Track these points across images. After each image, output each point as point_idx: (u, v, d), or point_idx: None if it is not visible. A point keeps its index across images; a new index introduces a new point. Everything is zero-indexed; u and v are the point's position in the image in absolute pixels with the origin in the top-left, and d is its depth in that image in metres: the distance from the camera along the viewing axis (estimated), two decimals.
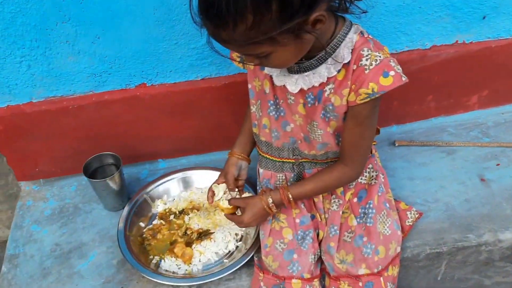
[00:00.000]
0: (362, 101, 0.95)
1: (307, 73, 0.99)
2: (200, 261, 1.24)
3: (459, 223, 1.30)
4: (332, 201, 1.19)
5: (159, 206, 1.39)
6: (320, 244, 1.19)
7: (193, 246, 1.26)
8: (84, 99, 1.33)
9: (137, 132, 1.43)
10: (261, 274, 1.15)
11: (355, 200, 1.19)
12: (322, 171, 1.14)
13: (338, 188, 1.18)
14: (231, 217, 1.17)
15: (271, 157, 1.19)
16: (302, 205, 1.19)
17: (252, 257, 1.21)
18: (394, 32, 1.37)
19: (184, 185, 1.44)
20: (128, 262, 1.21)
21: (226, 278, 1.20)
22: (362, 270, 1.12)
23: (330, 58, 0.96)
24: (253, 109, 1.16)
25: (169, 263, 1.24)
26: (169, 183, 1.43)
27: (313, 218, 1.20)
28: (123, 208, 1.35)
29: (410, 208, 1.29)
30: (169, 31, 1.25)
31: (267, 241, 1.17)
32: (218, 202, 1.18)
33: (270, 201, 1.11)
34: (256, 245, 1.22)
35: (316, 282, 1.14)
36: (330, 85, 0.99)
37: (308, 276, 1.12)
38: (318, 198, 1.19)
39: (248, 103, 1.17)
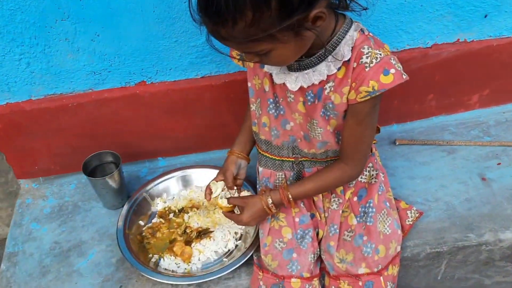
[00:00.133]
0: (363, 99, 0.95)
1: (307, 71, 0.99)
2: (199, 260, 1.24)
3: (460, 222, 1.30)
4: (332, 200, 1.19)
5: (158, 205, 1.38)
6: (320, 243, 1.19)
7: (193, 244, 1.26)
8: (83, 97, 1.33)
9: (137, 130, 1.43)
10: (261, 273, 1.15)
11: (355, 199, 1.18)
12: (322, 170, 1.13)
13: (338, 187, 1.18)
14: (229, 215, 1.16)
15: (270, 156, 1.19)
16: (301, 204, 1.19)
17: (252, 256, 1.20)
18: (395, 30, 1.37)
19: (183, 183, 1.44)
20: (127, 260, 1.20)
21: (225, 277, 1.20)
22: (362, 269, 1.12)
23: (330, 56, 0.96)
24: (252, 107, 1.15)
25: (168, 262, 1.23)
26: (168, 181, 1.43)
27: (312, 217, 1.20)
28: (123, 206, 1.35)
29: (410, 207, 1.28)
30: (169, 29, 1.24)
31: (266, 240, 1.16)
32: (216, 200, 1.17)
33: (270, 201, 1.11)
34: (256, 244, 1.21)
35: (315, 282, 1.13)
36: (330, 83, 0.99)
37: (307, 275, 1.12)
38: (318, 197, 1.19)
39: (248, 101, 1.17)
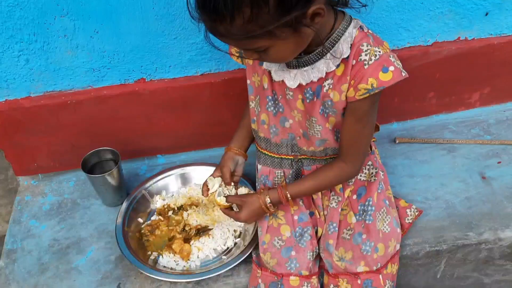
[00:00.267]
0: (361, 96, 0.94)
1: (306, 68, 0.98)
2: (198, 257, 1.24)
3: (459, 221, 1.29)
4: (331, 198, 1.19)
5: (157, 202, 1.38)
6: (319, 242, 1.19)
7: (192, 242, 1.26)
8: (82, 94, 1.32)
9: (136, 127, 1.43)
10: (259, 271, 1.15)
11: (354, 197, 1.18)
12: (320, 169, 1.13)
13: (337, 185, 1.17)
14: (227, 212, 1.16)
15: (269, 153, 1.19)
16: (300, 202, 1.19)
17: (251, 254, 1.20)
18: (396, 28, 1.36)
19: (182, 181, 1.43)
20: (126, 258, 1.20)
21: (224, 274, 1.19)
22: (361, 268, 1.11)
23: (329, 53, 0.95)
24: (252, 105, 1.15)
25: (167, 259, 1.23)
26: (168, 179, 1.42)
27: (311, 215, 1.20)
28: (122, 203, 1.35)
29: (410, 206, 1.28)
30: (168, 26, 1.24)
31: (265, 238, 1.16)
32: (214, 197, 1.17)
33: (268, 200, 1.10)
34: (255, 242, 1.21)
35: (314, 280, 1.13)
36: (329, 81, 0.98)
37: (306, 273, 1.12)
38: (317, 195, 1.19)
39: (247, 99, 1.16)
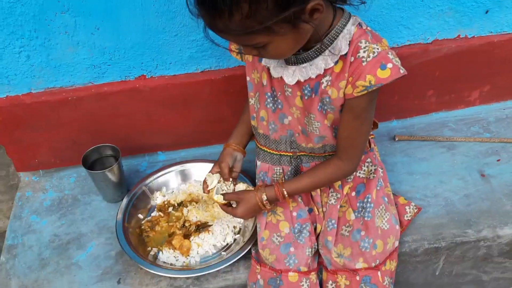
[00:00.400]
0: (359, 93, 0.94)
1: (304, 64, 0.99)
2: (198, 253, 1.25)
3: (458, 218, 1.30)
4: (330, 195, 1.19)
5: (158, 198, 1.39)
6: (318, 238, 1.19)
7: (191, 238, 1.26)
8: (83, 91, 1.33)
9: (137, 124, 1.43)
10: (258, 267, 1.15)
11: (353, 194, 1.19)
12: (317, 166, 1.13)
13: (334, 183, 1.18)
14: (225, 209, 1.17)
15: (268, 150, 1.19)
16: (299, 199, 1.19)
17: (250, 250, 1.21)
18: (396, 26, 1.36)
19: (182, 177, 1.44)
20: (126, 253, 1.21)
21: (223, 270, 1.20)
22: (360, 264, 1.12)
23: (327, 50, 0.96)
24: (251, 101, 1.15)
25: (167, 255, 1.24)
26: (168, 175, 1.43)
27: (310, 212, 1.20)
28: (122, 199, 1.35)
29: (409, 203, 1.28)
30: (169, 23, 1.24)
31: (263, 234, 1.17)
32: (212, 195, 1.17)
33: (265, 197, 1.10)
34: (254, 238, 1.21)
35: (313, 276, 1.14)
36: (327, 77, 0.99)
37: (305, 269, 1.12)
38: (315, 191, 1.19)
39: (247, 96, 1.16)
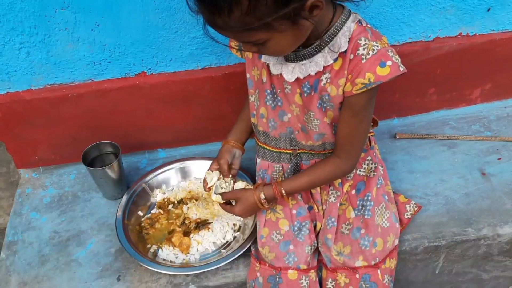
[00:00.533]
0: (359, 91, 0.94)
1: (304, 61, 0.98)
2: (197, 250, 1.25)
3: (459, 217, 1.30)
4: (329, 193, 1.19)
5: (157, 196, 1.39)
6: (317, 236, 1.19)
7: (191, 235, 1.26)
8: (83, 87, 1.33)
9: (137, 121, 1.43)
10: (258, 265, 1.15)
11: (353, 192, 1.18)
12: (315, 165, 1.13)
13: (332, 181, 1.17)
14: (224, 206, 1.17)
15: (268, 148, 1.19)
16: (299, 197, 1.19)
17: (250, 247, 1.21)
18: (397, 23, 1.36)
19: (182, 175, 1.44)
20: (126, 250, 1.21)
21: (223, 268, 1.20)
22: (359, 262, 1.12)
23: (327, 47, 0.95)
24: (251, 98, 1.15)
25: (166, 252, 1.24)
26: (168, 172, 1.43)
27: (310, 210, 1.20)
28: (122, 197, 1.35)
29: (409, 201, 1.28)
30: (169, 20, 1.23)
31: (263, 231, 1.17)
32: (210, 194, 1.17)
33: (263, 197, 1.10)
34: (254, 235, 1.21)
35: (312, 274, 1.14)
36: (327, 75, 0.98)
37: (304, 267, 1.12)
38: (315, 189, 1.19)
39: (248, 93, 1.16)
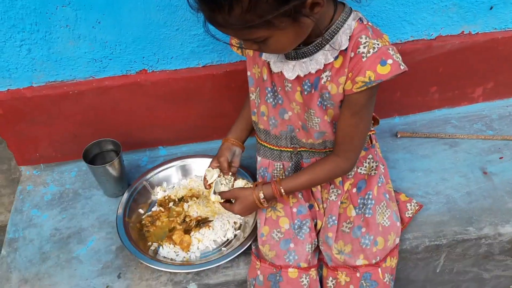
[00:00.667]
0: (359, 89, 0.94)
1: (304, 59, 0.98)
2: (198, 248, 1.25)
3: (460, 216, 1.29)
4: (330, 191, 1.18)
5: (158, 193, 1.39)
6: (318, 234, 1.19)
7: (192, 233, 1.26)
8: (84, 85, 1.32)
9: (138, 118, 1.43)
10: (258, 263, 1.15)
11: (354, 190, 1.18)
12: (315, 163, 1.13)
13: (331, 180, 1.17)
14: (223, 205, 1.17)
15: (269, 146, 1.18)
16: (299, 195, 1.19)
17: (250, 245, 1.21)
18: (399, 21, 1.35)
19: (183, 172, 1.44)
20: (127, 248, 1.21)
21: (223, 266, 1.20)
22: (360, 261, 1.12)
23: (327, 45, 0.95)
24: (252, 96, 1.15)
25: (167, 250, 1.24)
26: (169, 170, 1.43)
27: (311, 208, 1.20)
28: (123, 194, 1.35)
29: (410, 200, 1.28)
30: (171, 17, 1.23)
31: (263, 230, 1.16)
32: (209, 192, 1.16)
33: (262, 196, 1.10)
34: (254, 233, 1.21)
35: (313, 272, 1.13)
36: (327, 73, 0.98)
37: (305, 266, 1.12)
38: (316, 187, 1.19)
39: (248, 90, 1.16)
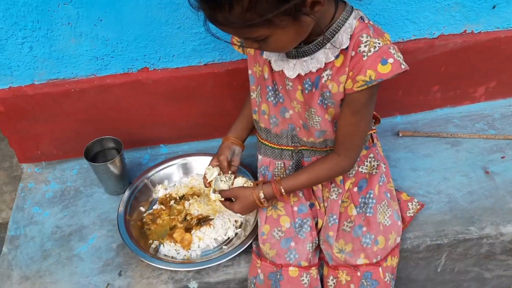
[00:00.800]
0: (359, 88, 0.94)
1: (305, 58, 0.98)
2: (199, 247, 1.25)
3: (461, 215, 1.29)
4: (331, 190, 1.18)
5: (159, 191, 1.39)
6: (319, 233, 1.19)
7: (193, 232, 1.26)
8: (86, 83, 1.32)
9: (139, 116, 1.43)
10: (259, 261, 1.15)
11: (355, 189, 1.18)
12: (315, 162, 1.13)
13: (332, 179, 1.17)
14: (223, 203, 1.17)
15: (270, 144, 1.18)
16: (300, 194, 1.19)
17: (251, 244, 1.20)
18: (401, 20, 1.35)
19: (184, 171, 1.44)
20: (128, 246, 1.21)
21: (224, 264, 1.20)
22: (361, 260, 1.11)
23: (328, 44, 0.95)
24: (253, 95, 1.14)
25: (168, 248, 1.24)
26: (170, 168, 1.43)
27: (311, 207, 1.20)
28: (124, 192, 1.35)
29: (411, 199, 1.28)
30: (172, 15, 1.23)
31: (264, 228, 1.16)
32: (210, 189, 1.17)
33: (262, 196, 1.10)
34: (255, 232, 1.21)
35: (313, 271, 1.13)
36: (328, 71, 0.98)
37: (305, 264, 1.12)
38: (317, 186, 1.19)
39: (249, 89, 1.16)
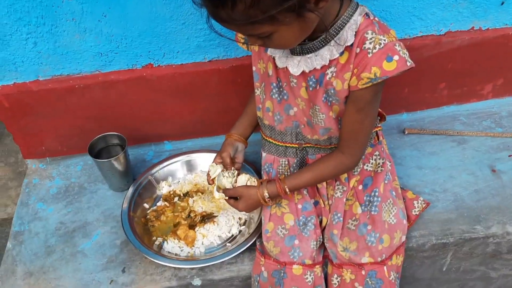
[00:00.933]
0: (364, 86, 0.93)
1: (310, 55, 0.97)
2: (202, 244, 1.24)
3: (467, 214, 1.28)
4: (336, 188, 1.18)
5: (163, 188, 1.38)
6: (323, 231, 1.18)
7: (196, 229, 1.26)
8: (90, 79, 1.32)
9: (143, 113, 1.42)
10: (263, 259, 1.15)
11: (360, 187, 1.17)
12: (319, 161, 1.12)
13: (336, 177, 1.16)
14: (228, 201, 1.16)
15: (274, 142, 1.18)
16: (304, 191, 1.18)
17: (255, 241, 1.20)
18: (408, 17, 1.33)
19: (188, 167, 1.43)
20: (131, 242, 1.21)
21: (228, 261, 1.20)
22: (366, 259, 1.11)
23: (333, 40, 0.94)
24: (257, 92, 1.14)
25: (172, 245, 1.24)
26: (174, 165, 1.42)
27: (316, 204, 1.19)
28: (128, 189, 1.35)
29: (417, 198, 1.27)
30: (177, 11, 1.22)
31: (268, 226, 1.16)
32: (214, 186, 1.16)
33: (267, 195, 1.10)
34: (259, 230, 1.21)
35: (317, 269, 1.13)
36: (332, 68, 0.97)
37: (309, 262, 1.12)
38: (321, 184, 1.18)
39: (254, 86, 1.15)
